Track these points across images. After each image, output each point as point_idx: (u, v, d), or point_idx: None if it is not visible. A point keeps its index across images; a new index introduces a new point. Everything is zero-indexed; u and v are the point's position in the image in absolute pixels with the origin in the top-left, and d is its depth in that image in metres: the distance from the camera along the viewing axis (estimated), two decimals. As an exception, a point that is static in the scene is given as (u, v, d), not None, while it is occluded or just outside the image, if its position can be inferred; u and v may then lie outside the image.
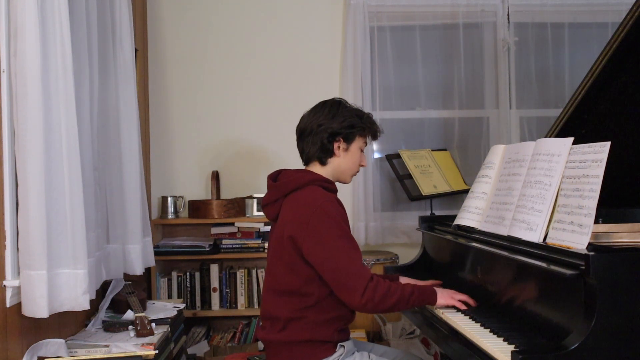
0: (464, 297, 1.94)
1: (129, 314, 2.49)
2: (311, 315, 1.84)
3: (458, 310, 1.90)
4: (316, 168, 1.97)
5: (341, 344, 1.90)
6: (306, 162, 2.01)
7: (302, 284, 1.84)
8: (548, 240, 1.69)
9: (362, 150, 2.01)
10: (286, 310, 1.86)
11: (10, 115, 1.91)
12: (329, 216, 1.80)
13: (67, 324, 2.30)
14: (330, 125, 1.93)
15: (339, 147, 1.95)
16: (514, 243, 1.80)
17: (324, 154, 1.95)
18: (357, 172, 2.05)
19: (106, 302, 2.57)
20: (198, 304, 3.36)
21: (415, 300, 1.84)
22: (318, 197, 1.84)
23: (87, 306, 2.00)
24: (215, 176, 3.51)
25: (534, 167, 1.87)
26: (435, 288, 1.93)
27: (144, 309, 2.58)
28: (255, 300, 3.38)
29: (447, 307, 1.93)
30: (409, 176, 3.25)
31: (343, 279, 1.76)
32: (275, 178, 1.98)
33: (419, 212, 3.44)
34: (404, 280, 2.16)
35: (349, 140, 1.95)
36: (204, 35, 3.62)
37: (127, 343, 2.22)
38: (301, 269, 1.83)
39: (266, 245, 3.30)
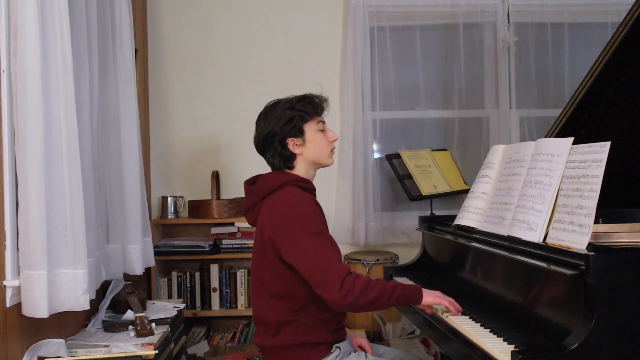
0: (451, 300, 1.87)
1: (129, 314, 2.49)
2: (302, 318, 1.83)
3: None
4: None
5: (337, 345, 1.89)
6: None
7: (287, 288, 1.83)
8: (548, 240, 1.69)
9: (323, 130, 1.94)
10: (276, 314, 1.85)
11: (10, 115, 1.91)
12: (303, 214, 1.78)
13: (67, 324, 2.29)
14: (272, 132, 1.89)
15: (295, 145, 1.90)
16: (514, 243, 1.80)
17: (287, 160, 1.92)
18: (333, 149, 1.98)
19: (106, 302, 2.57)
20: (198, 304, 3.36)
21: (399, 296, 1.76)
22: (292, 197, 1.82)
23: (87, 306, 2.00)
24: (215, 176, 3.51)
25: (534, 167, 1.87)
26: (423, 288, 1.86)
27: (144, 309, 2.58)
28: (255, 300, 3.38)
29: (438, 305, 1.89)
30: (409, 176, 3.25)
31: (319, 275, 1.71)
32: (253, 183, 1.98)
33: (419, 212, 3.44)
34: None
35: (297, 134, 1.90)
36: (204, 35, 3.62)
37: (127, 343, 2.22)
38: (284, 273, 1.82)
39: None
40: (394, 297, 1.76)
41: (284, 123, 1.88)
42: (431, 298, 1.84)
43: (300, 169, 1.94)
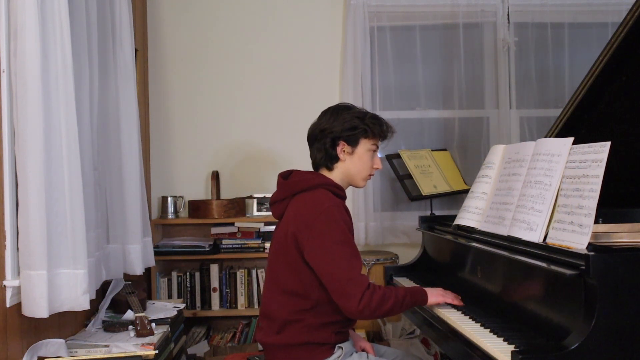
0: (452, 294, 1.96)
1: (129, 314, 2.49)
2: (308, 318, 1.84)
3: (457, 309, 1.91)
4: (325, 173, 1.96)
5: (339, 345, 1.89)
6: (315, 169, 2.00)
7: (302, 286, 1.83)
8: (548, 240, 1.69)
9: (373, 152, 1.97)
10: (284, 311, 1.85)
11: (10, 115, 1.91)
12: (334, 220, 1.79)
13: (67, 324, 2.29)
14: (331, 130, 1.91)
15: (343, 150, 1.92)
16: (514, 243, 1.80)
17: (329, 160, 1.94)
18: (371, 175, 2.00)
19: (106, 302, 2.57)
20: (198, 304, 3.36)
21: (408, 302, 1.84)
22: (325, 201, 1.83)
23: (87, 306, 2.00)
24: (215, 176, 3.51)
25: (534, 167, 1.87)
26: (425, 288, 1.93)
27: (144, 309, 2.58)
28: (255, 300, 3.38)
29: (439, 305, 1.95)
30: (409, 176, 3.25)
31: (341, 285, 1.74)
32: (287, 177, 1.98)
33: (419, 212, 3.44)
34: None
35: (352, 143, 1.92)
36: (204, 36, 3.62)
37: (127, 343, 2.22)
38: (302, 270, 1.83)
39: (266, 245, 3.30)
40: (405, 305, 1.83)
41: (347, 128, 1.91)
42: (434, 298, 1.92)
43: (336, 175, 1.95)
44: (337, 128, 1.91)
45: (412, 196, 3.24)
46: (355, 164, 1.94)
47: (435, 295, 1.92)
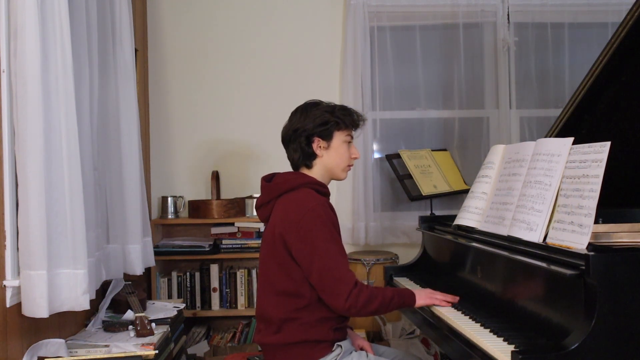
0: (442, 295, 1.97)
1: (129, 314, 2.49)
2: (304, 316, 1.85)
3: (457, 309, 1.90)
4: (305, 172, 1.98)
5: (338, 343, 1.90)
6: (295, 169, 2.02)
7: (294, 285, 1.85)
8: (548, 240, 1.69)
9: (349, 143, 2.00)
10: (279, 311, 1.86)
11: (10, 115, 1.91)
12: (319, 219, 1.81)
13: (67, 324, 2.30)
14: (304, 128, 1.93)
15: (319, 146, 1.94)
16: (514, 243, 1.80)
17: (307, 158, 1.96)
18: (350, 165, 2.03)
19: (106, 302, 2.57)
20: (198, 304, 3.36)
21: (396, 303, 1.87)
22: (310, 200, 1.85)
23: (87, 306, 2.00)
24: (215, 176, 3.51)
25: (534, 167, 1.87)
26: (414, 290, 1.96)
27: (144, 309, 2.58)
28: (255, 300, 3.38)
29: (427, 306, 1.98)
30: (409, 176, 3.25)
31: (328, 283, 1.77)
32: (269, 179, 2.00)
33: (419, 212, 3.44)
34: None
35: (326, 137, 1.94)
36: (204, 36, 3.62)
37: (127, 343, 2.23)
38: (292, 270, 1.84)
39: (266, 245, 3.30)
40: (392, 306, 1.87)
41: (319, 123, 1.94)
42: (423, 300, 1.96)
43: (317, 172, 1.97)
44: (309, 125, 1.93)
45: (412, 196, 3.24)
46: (332, 157, 1.97)
47: (423, 297, 1.95)
